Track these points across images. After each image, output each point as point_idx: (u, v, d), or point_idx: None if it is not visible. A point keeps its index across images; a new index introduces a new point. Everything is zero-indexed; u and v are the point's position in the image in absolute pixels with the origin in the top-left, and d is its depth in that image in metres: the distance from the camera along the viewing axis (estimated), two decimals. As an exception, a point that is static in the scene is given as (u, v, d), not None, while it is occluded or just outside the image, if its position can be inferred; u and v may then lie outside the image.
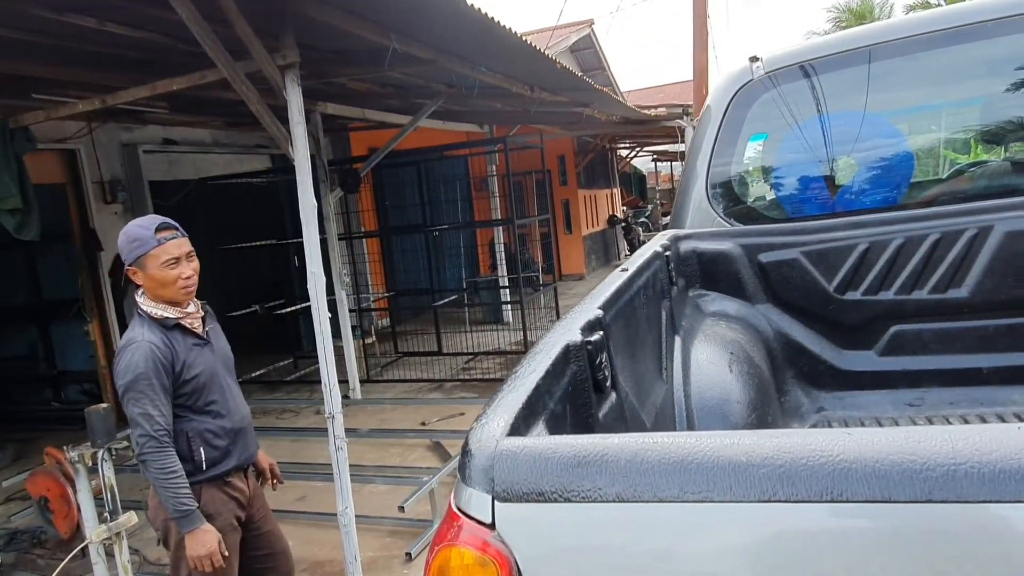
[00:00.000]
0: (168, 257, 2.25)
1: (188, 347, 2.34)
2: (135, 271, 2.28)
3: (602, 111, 8.56)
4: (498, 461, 0.79)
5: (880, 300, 2.34)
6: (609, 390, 1.25)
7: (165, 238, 2.27)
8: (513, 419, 0.86)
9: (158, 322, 2.29)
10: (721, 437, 0.73)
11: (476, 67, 5.34)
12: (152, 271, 2.24)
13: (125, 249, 2.28)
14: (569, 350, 1.12)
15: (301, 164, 3.42)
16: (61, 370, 8.90)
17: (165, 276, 2.25)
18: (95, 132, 7.86)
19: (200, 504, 2.34)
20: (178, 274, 2.27)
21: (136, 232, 2.27)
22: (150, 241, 2.23)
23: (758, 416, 1.93)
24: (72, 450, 3.73)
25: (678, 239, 2.45)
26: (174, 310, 2.31)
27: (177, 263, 2.27)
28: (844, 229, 2.37)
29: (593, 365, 1.18)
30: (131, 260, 2.27)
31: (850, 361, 2.40)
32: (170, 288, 2.26)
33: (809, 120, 2.54)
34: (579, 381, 1.13)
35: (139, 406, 2.20)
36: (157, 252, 2.23)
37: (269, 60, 3.32)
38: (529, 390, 0.94)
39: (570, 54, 14.59)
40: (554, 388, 1.03)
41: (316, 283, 3.53)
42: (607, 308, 1.37)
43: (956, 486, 0.61)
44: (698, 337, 2.13)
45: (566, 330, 1.18)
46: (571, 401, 1.09)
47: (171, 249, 2.27)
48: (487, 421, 0.86)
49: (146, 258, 2.23)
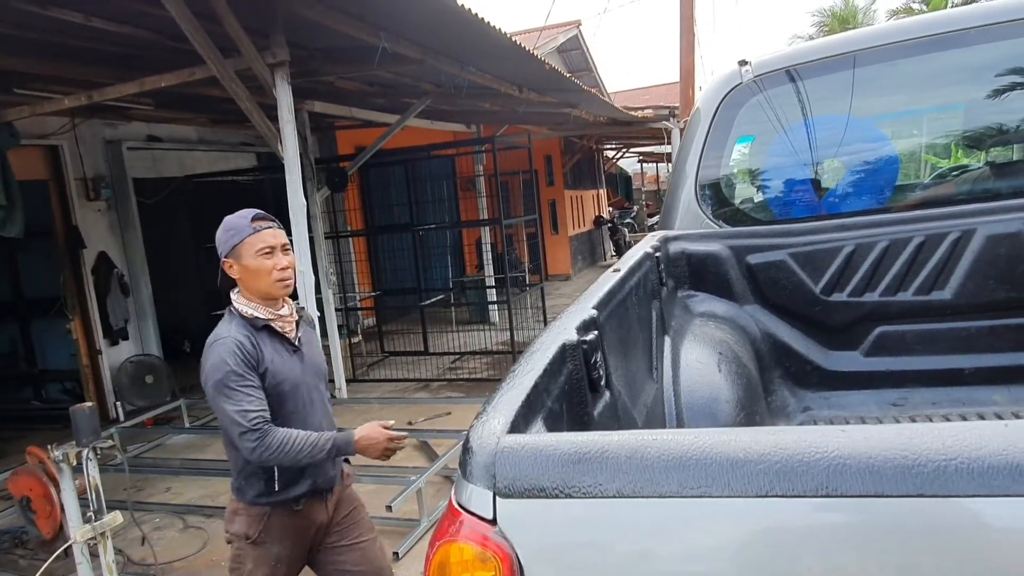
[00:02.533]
0: (263, 245, 2.15)
1: (276, 352, 2.19)
2: (230, 263, 2.17)
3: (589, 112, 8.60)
4: (499, 458, 0.80)
5: (865, 301, 2.38)
6: (604, 389, 1.27)
7: (261, 226, 2.18)
8: (513, 417, 0.88)
9: (247, 321, 2.17)
10: (719, 434, 0.75)
11: (465, 67, 5.35)
12: (247, 260, 2.14)
13: (221, 240, 2.18)
14: (566, 349, 1.13)
15: (290, 163, 3.43)
16: (42, 369, 8.80)
17: (260, 266, 2.14)
18: (78, 128, 7.78)
19: (261, 528, 2.23)
20: (273, 264, 2.15)
21: (232, 222, 2.19)
22: (245, 229, 2.15)
23: (746, 415, 1.96)
24: (56, 449, 3.69)
25: (667, 240, 2.47)
26: (265, 310, 2.19)
27: (272, 253, 2.16)
28: (830, 231, 2.41)
29: (588, 364, 1.20)
30: (227, 250, 2.16)
31: (836, 361, 2.44)
32: (265, 279, 2.15)
33: (796, 123, 2.57)
34: (575, 380, 1.14)
35: (233, 402, 2.03)
36: (252, 240, 2.14)
37: (259, 58, 3.32)
38: (528, 388, 0.95)
39: (557, 55, 14.62)
40: (551, 387, 1.04)
41: (304, 282, 3.53)
42: (601, 308, 1.39)
43: (946, 481, 0.63)
44: (687, 337, 2.15)
45: (562, 330, 1.19)
46: (568, 399, 1.10)
47: (266, 237, 2.17)
48: (488, 419, 0.88)
49: (241, 246, 2.14)
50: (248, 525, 2.27)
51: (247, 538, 2.28)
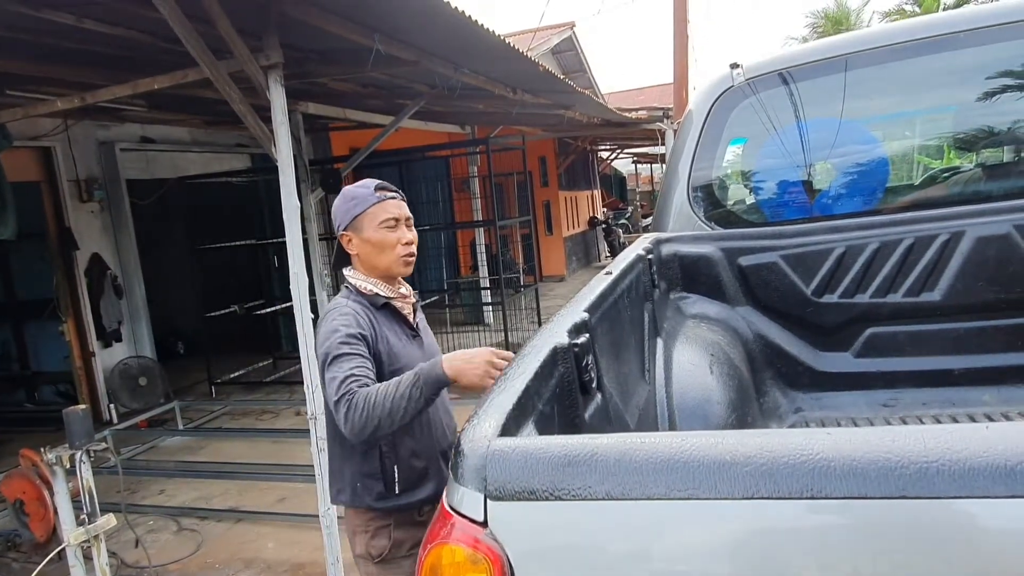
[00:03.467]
0: (388, 216, 1.97)
1: (395, 334, 1.98)
2: (349, 236, 1.99)
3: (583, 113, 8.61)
4: (490, 461, 0.81)
5: (856, 303, 2.40)
6: (595, 391, 1.28)
7: (385, 196, 2.00)
8: (504, 420, 0.89)
9: (366, 298, 1.97)
10: (706, 437, 0.76)
11: (459, 68, 5.36)
12: (369, 233, 1.96)
13: (341, 211, 2.01)
14: (557, 352, 1.14)
15: (284, 165, 3.42)
16: (35, 371, 8.77)
17: (384, 239, 1.96)
18: (71, 129, 7.76)
19: (388, 544, 1.95)
20: (398, 238, 1.97)
21: (354, 191, 2.02)
22: (369, 198, 1.98)
23: (737, 417, 1.97)
24: (50, 452, 3.69)
25: (660, 242, 2.48)
26: (386, 287, 2.00)
27: (397, 225, 1.98)
28: (821, 233, 2.42)
29: (580, 367, 1.21)
30: (347, 222, 1.98)
31: (827, 362, 2.46)
32: (388, 253, 1.96)
33: (788, 126, 2.59)
34: (566, 383, 1.15)
35: (332, 372, 1.75)
36: (375, 210, 1.96)
37: (252, 60, 3.31)
38: (519, 392, 0.96)
39: (551, 56, 14.64)
40: (542, 389, 1.05)
41: (299, 284, 3.53)
42: (593, 311, 1.40)
43: (929, 483, 0.64)
44: (679, 339, 2.17)
45: (553, 332, 1.20)
46: (559, 402, 1.11)
47: (391, 208, 1.99)
48: (479, 422, 0.88)
49: (363, 217, 1.96)
50: (370, 543, 1.98)
51: (374, 558, 1.98)
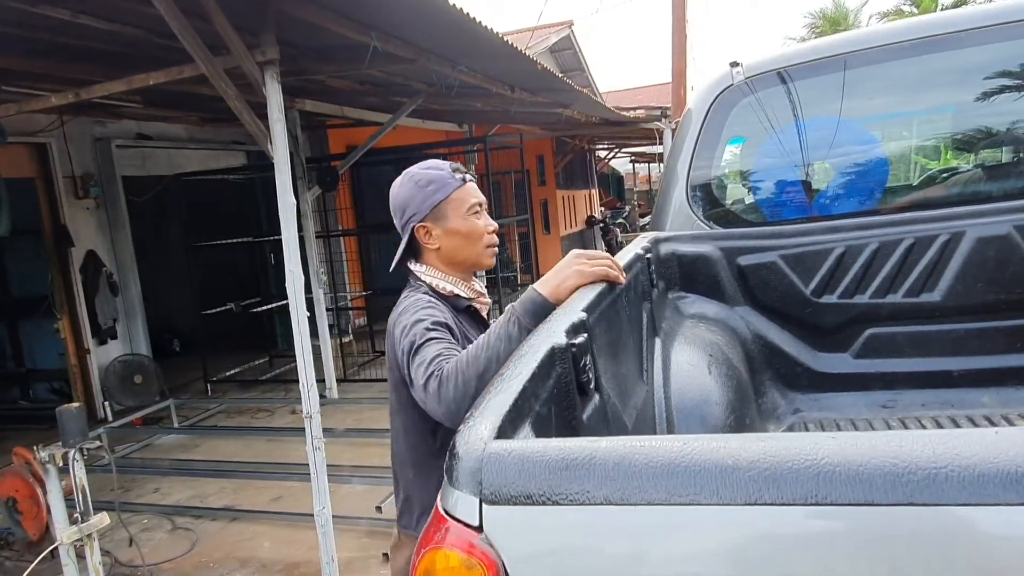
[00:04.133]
0: (475, 201, 1.75)
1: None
2: (428, 228, 1.71)
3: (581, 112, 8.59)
4: (486, 464, 0.79)
5: (856, 303, 2.39)
6: (592, 392, 1.26)
7: (466, 178, 1.76)
8: (500, 422, 0.87)
9: (447, 300, 1.72)
10: (708, 441, 0.74)
11: (457, 66, 5.34)
12: (455, 222, 1.70)
13: (417, 198, 1.71)
14: (554, 352, 1.12)
15: (280, 162, 3.40)
16: (30, 368, 8.73)
17: (473, 228, 1.72)
18: (67, 126, 7.72)
19: None
20: (485, 225, 1.75)
21: (428, 175, 1.73)
22: (450, 181, 1.72)
23: (736, 418, 1.96)
24: (43, 450, 3.66)
25: (658, 241, 2.47)
26: (466, 287, 1.76)
27: (481, 211, 1.76)
28: (821, 233, 2.41)
29: (577, 367, 1.19)
30: (426, 210, 1.70)
31: (826, 363, 2.44)
32: (476, 244, 1.72)
33: (787, 125, 2.57)
34: (564, 384, 1.13)
35: (427, 352, 1.48)
36: (460, 195, 1.72)
37: (249, 56, 3.29)
38: (516, 393, 0.94)
39: (549, 55, 14.62)
40: (539, 391, 1.03)
41: (295, 282, 3.51)
42: (591, 310, 1.38)
43: (936, 489, 0.62)
44: (678, 339, 2.15)
45: (551, 332, 1.18)
46: (556, 403, 1.09)
47: (474, 191, 1.77)
48: (474, 424, 0.87)
49: (447, 204, 1.70)
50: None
51: None
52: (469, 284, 1.79)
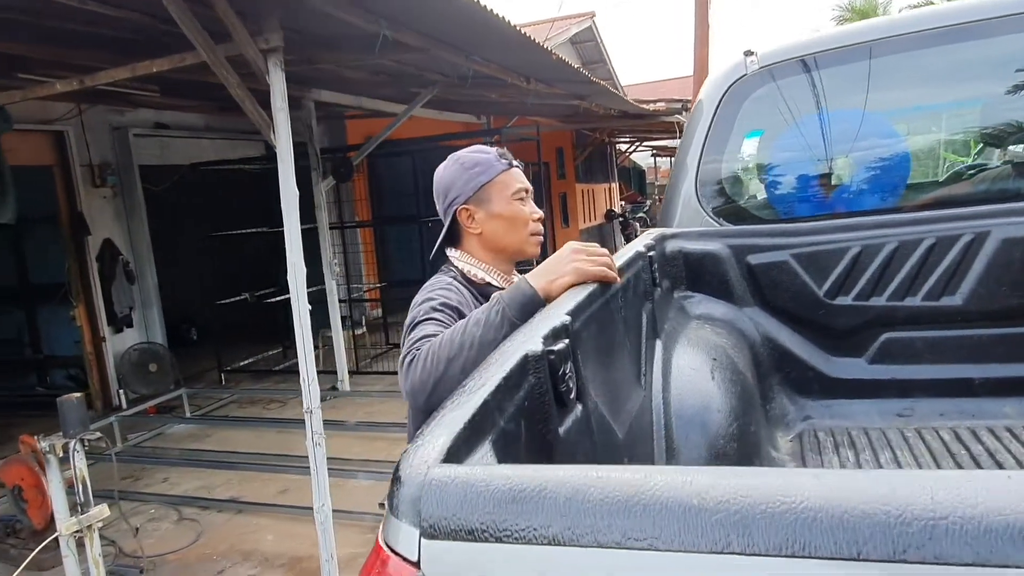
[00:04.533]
0: (520, 186, 1.67)
1: None
2: (471, 211, 1.64)
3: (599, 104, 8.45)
4: (426, 492, 0.70)
5: (871, 306, 2.26)
6: (574, 402, 1.17)
7: (512, 162, 1.69)
8: (452, 441, 0.78)
9: (476, 287, 1.64)
10: (674, 474, 0.64)
11: (470, 56, 5.24)
12: (499, 207, 1.63)
13: (461, 180, 1.64)
14: (528, 361, 1.03)
15: (283, 152, 3.33)
16: (47, 355, 8.81)
17: (518, 213, 1.64)
18: (85, 114, 7.75)
19: None
20: (531, 212, 1.68)
21: (474, 157, 1.67)
22: (496, 164, 1.65)
23: (739, 426, 1.85)
24: (43, 440, 3.65)
25: (664, 238, 2.36)
26: (501, 276, 1.68)
27: (527, 197, 1.68)
28: (836, 232, 2.29)
29: (555, 376, 1.10)
30: (470, 193, 1.63)
31: (839, 368, 2.32)
32: (521, 231, 1.65)
33: (804, 118, 2.45)
34: (538, 395, 1.04)
35: (418, 332, 1.43)
36: (505, 179, 1.65)
37: (251, 43, 3.22)
38: (475, 407, 0.85)
39: (570, 46, 14.46)
40: (506, 404, 0.94)
41: (296, 274, 3.45)
42: (577, 313, 1.29)
43: (935, 544, 0.53)
44: (680, 341, 2.05)
45: (527, 338, 1.09)
46: (527, 417, 1.00)
47: (520, 176, 1.69)
48: (423, 443, 0.78)
49: (491, 187, 1.63)
50: None
51: None
52: (508, 277, 1.70)
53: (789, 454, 2.10)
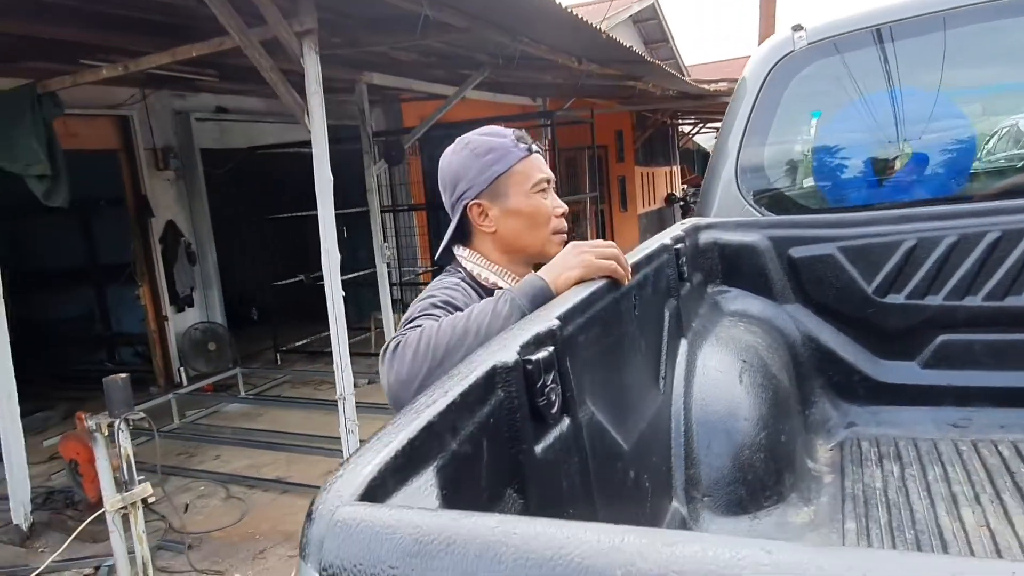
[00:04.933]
0: (542, 176, 1.44)
1: None
2: (483, 206, 1.43)
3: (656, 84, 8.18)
4: (331, 534, 0.61)
5: (927, 305, 2.06)
6: (558, 416, 1.06)
7: (532, 148, 1.46)
8: (378, 472, 0.69)
9: (485, 291, 1.43)
10: (603, 534, 0.54)
11: (517, 37, 5.10)
12: (516, 201, 1.42)
13: (472, 169, 1.43)
14: (496, 374, 0.93)
15: (317, 136, 3.30)
16: (116, 332, 9.17)
17: (539, 209, 1.43)
18: (148, 99, 7.95)
19: None
20: (553, 206, 1.46)
21: (489, 142, 1.44)
22: (513, 152, 1.42)
23: (768, 435, 1.71)
24: (91, 419, 3.75)
25: (698, 229, 2.21)
26: (513, 279, 1.45)
27: (548, 188, 1.46)
28: (889, 223, 2.09)
29: (532, 389, 0.99)
30: (483, 184, 1.42)
31: (888, 372, 2.13)
32: (541, 229, 1.44)
33: (857, 98, 2.24)
34: (507, 410, 0.94)
35: (420, 322, 1.27)
36: (525, 168, 1.43)
37: (286, 26, 3.18)
38: (416, 429, 0.76)
39: (632, 25, 14.11)
40: (463, 423, 0.84)
41: (330, 261, 3.42)
42: (572, 316, 1.18)
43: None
44: (709, 340, 1.90)
45: (500, 347, 0.99)
46: (492, 436, 0.90)
47: (541, 165, 1.46)
48: (344, 473, 0.69)
49: (508, 178, 1.42)
50: None
51: None
52: (518, 278, 1.45)
53: (828, 464, 1.94)
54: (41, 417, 7.04)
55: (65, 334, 9.37)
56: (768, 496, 1.66)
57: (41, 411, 7.07)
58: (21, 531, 4.66)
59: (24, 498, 4.65)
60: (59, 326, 9.39)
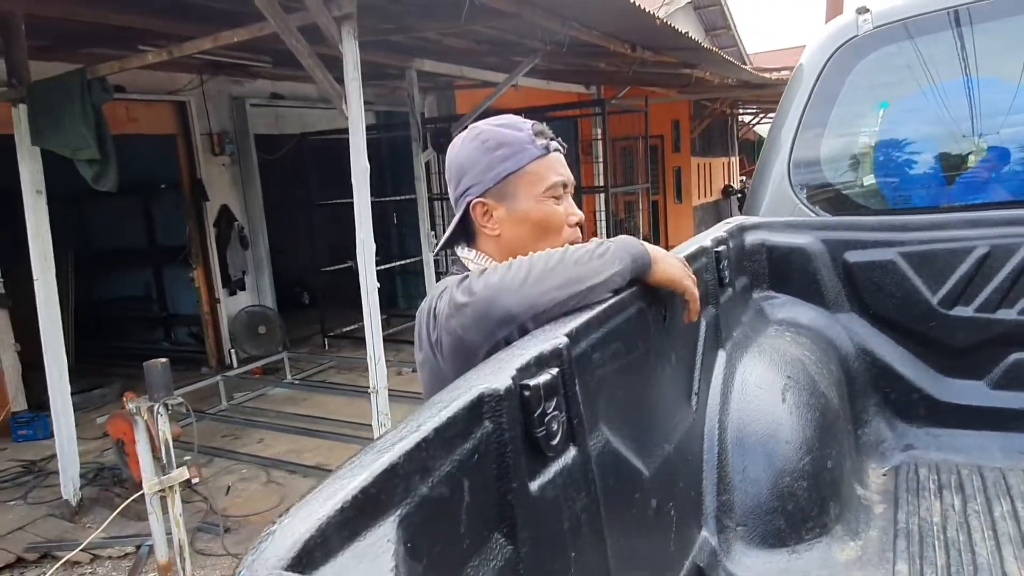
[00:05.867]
0: (558, 179, 1.30)
1: None
2: (488, 207, 1.31)
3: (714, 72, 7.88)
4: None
5: (998, 320, 1.86)
6: (561, 447, 0.94)
7: (552, 146, 1.31)
8: (319, 528, 0.59)
9: None
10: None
11: (567, 22, 4.94)
12: (525, 204, 1.29)
13: (480, 164, 1.30)
14: (483, 402, 0.81)
15: (355, 124, 3.23)
16: (172, 312, 9.40)
17: (550, 215, 1.30)
18: (206, 85, 8.07)
19: None
20: (566, 212, 1.32)
21: (502, 135, 1.30)
22: (528, 148, 1.29)
23: (813, 460, 1.55)
24: (131, 402, 3.80)
25: (744, 229, 2.04)
26: None
27: (564, 193, 1.33)
28: (958, 228, 1.89)
29: (530, 419, 0.88)
30: (490, 183, 1.29)
31: (953, 392, 1.94)
32: (551, 238, 1.30)
33: (927, 88, 2.04)
34: (498, 444, 0.83)
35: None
36: (539, 169, 1.29)
37: (324, 11, 3.11)
38: (374, 474, 0.65)
39: (692, 11, 13.71)
40: (436, 462, 0.73)
41: (365, 250, 3.36)
42: (584, 333, 1.05)
43: None
44: (751, 352, 1.75)
45: (492, 370, 0.87)
46: (474, 475, 0.79)
47: (559, 166, 1.32)
48: (277, 531, 0.59)
49: (519, 178, 1.29)
50: None
51: None
52: None
53: (880, 493, 1.77)
54: (99, 394, 7.26)
55: (125, 313, 9.66)
56: (810, 528, 1.51)
57: (99, 388, 7.28)
58: (70, 506, 4.78)
59: (74, 474, 4.77)
60: (119, 305, 9.69)
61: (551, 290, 1.11)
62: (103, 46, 5.25)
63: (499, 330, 1.12)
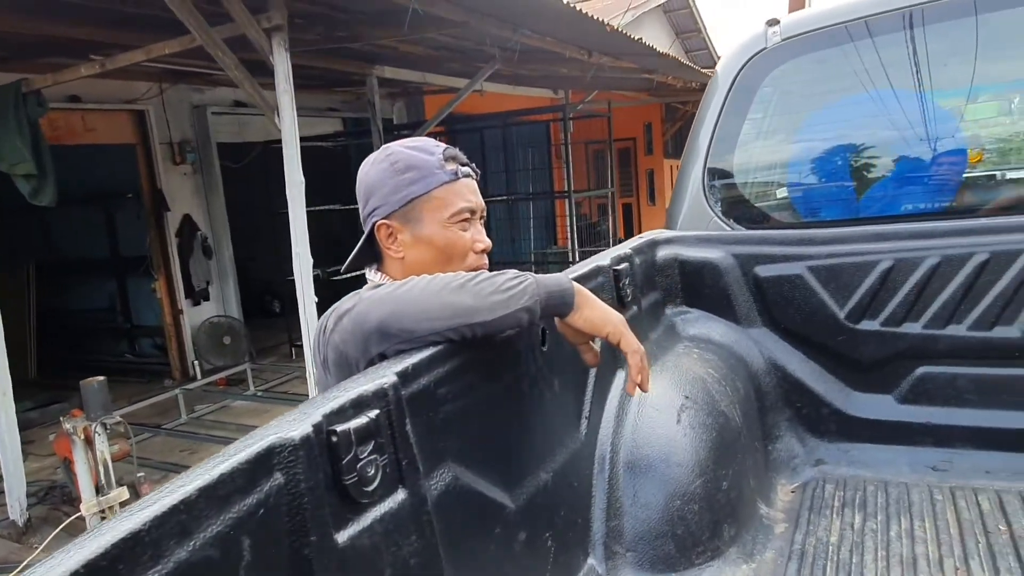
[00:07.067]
0: (465, 206, 1.29)
1: None
2: (392, 229, 1.29)
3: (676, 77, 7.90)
4: None
5: (904, 333, 1.85)
6: (382, 493, 0.90)
7: (460, 171, 1.30)
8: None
9: None
10: None
11: (518, 29, 4.92)
12: (431, 229, 1.27)
13: (387, 185, 1.28)
14: (273, 454, 0.78)
15: (288, 137, 3.19)
16: (136, 324, 9.26)
17: (454, 242, 1.28)
18: (165, 93, 7.96)
19: None
20: (472, 239, 1.31)
21: (412, 157, 1.29)
22: (436, 173, 1.27)
23: (705, 483, 1.52)
24: (67, 422, 3.72)
25: (656, 244, 2.02)
26: None
27: (471, 219, 1.31)
28: (864, 241, 1.87)
29: (338, 466, 0.84)
30: (395, 205, 1.27)
31: (862, 406, 1.92)
32: (454, 264, 1.28)
33: (836, 100, 2.03)
34: (291, 496, 0.79)
35: None
36: (446, 195, 1.28)
37: (253, 23, 3.07)
38: (107, 544, 0.61)
39: (662, 14, 13.75)
40: (201, 523, 0.69)
41: (301, 263, 3.31)
42: (423, 369, 1.02)
43: None
44: (654, 371, 1.71)
45: (297, 417, 0.84)
46: (257, 533, 0.75)
47: (467, 192, 1.30)
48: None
49: (424, 202, 1.27)
50: None
51: None
52: None
53: (784, 511, 1.75)
54: (57, 409, 7.12)
55: (89, 324, 9.51)
56: (700, 552, 1.48)
57: (57, 403, 7.16)
58: (17, 526, 4.68)
59: (20, 494, 4.67)
60: (83, 316, 9.54)
61: (432, 319, 1.07)
62: (56, 55, 5.15)
63: (373, 345, 1.10)
